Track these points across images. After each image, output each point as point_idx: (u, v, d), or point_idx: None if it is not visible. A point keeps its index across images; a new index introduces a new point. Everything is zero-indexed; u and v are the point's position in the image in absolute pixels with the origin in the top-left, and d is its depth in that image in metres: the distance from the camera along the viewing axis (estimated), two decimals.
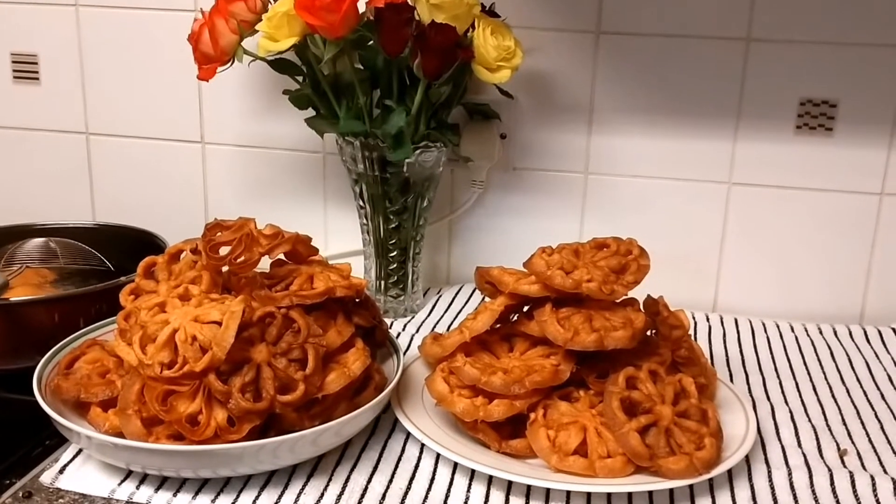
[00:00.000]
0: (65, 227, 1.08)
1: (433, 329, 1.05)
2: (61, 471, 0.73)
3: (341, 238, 1.20)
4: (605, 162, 1.11)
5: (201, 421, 0.70)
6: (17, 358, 0.89)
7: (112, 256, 1.07)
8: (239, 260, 0.77)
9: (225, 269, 0.80)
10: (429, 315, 1.09)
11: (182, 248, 0.82)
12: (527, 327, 0.80)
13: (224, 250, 0.78)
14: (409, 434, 0.80)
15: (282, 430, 0.72)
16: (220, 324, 0.70)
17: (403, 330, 1.04)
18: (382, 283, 1.08)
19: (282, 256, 0.81)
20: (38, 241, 1.04)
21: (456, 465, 0.75)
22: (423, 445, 0.78)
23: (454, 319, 1.08)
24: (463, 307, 1.11)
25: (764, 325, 1.08)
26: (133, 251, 1.05)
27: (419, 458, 0.77)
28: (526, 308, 0.82)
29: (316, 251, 0.81)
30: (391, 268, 1.07)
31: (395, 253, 1.06)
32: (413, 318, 1.08)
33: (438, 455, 0.76)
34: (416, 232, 1.06)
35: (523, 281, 0.79)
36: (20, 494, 0.70)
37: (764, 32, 1.03)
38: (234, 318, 0.70)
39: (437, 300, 1.13)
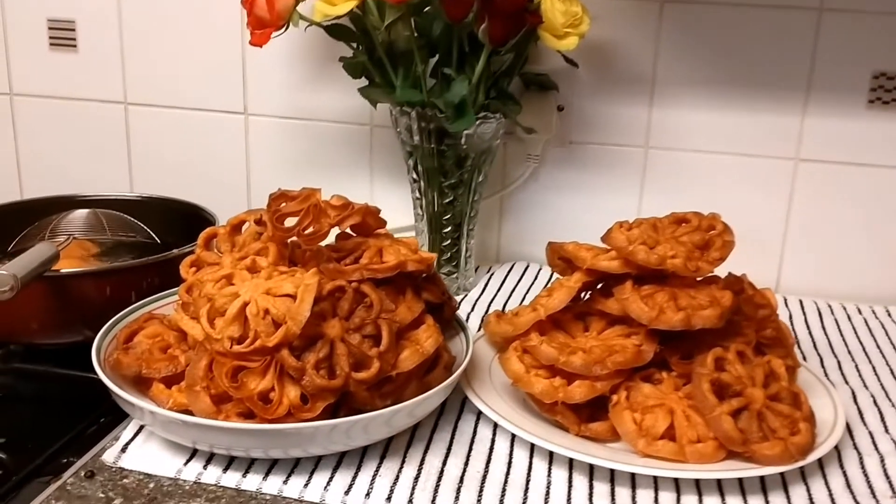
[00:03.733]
0: (108, 198, 1.05)
1: (488, 308, 1.01)
2: (123, 449, 0.70)
3: (387, 214, 1.16)
4: (666, 136, 1.07)
5: (273, 399, 0.66)
6: (66, 332, 0.86)
7: (157, 230, 1.03)
8: (307, 231, 0.73)
9: (292, 241, 0.76)
10: (482, 293, 1.05)
11: (244, 218, 0.78)
12: (604, 305, 0.76)
13: (290, 222, 0.75)
14: (479, 414, 0.76)
15: (352, 409, 0.69)
16: (293, 297, 0.67)
17: (458, 308, 1.00)
18: (436, 259, 1.04)
19: (348, 229, 0.77)
20: (84, 212, 1.00)
21: (533, 447, 0.72)
22: (495, 427, 0.75)
23: (508, 298, 1.04)
24: (515, 286, 1.08)
25: (830, 306, 1.04)
26: (179, 225, 1.02)
27: (493, 440, 0.74)
28: (600, 286, 0.79)
29: (384, 223, 0.78)
30: (444, 244, 1.04)
31: (448, 229, 1.03)
32: (466, 296, 1.05)
33: (514, 437, 0.73)
34: (470, 207, 1.03)
35: (602, 256, 0.76)
36: (82, 474, 0.67)
37: (837, 2, 0.99)
38: (310, 292, 0.66)
39: (489, 279, 1.09)
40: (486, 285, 1.07)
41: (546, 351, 0.73)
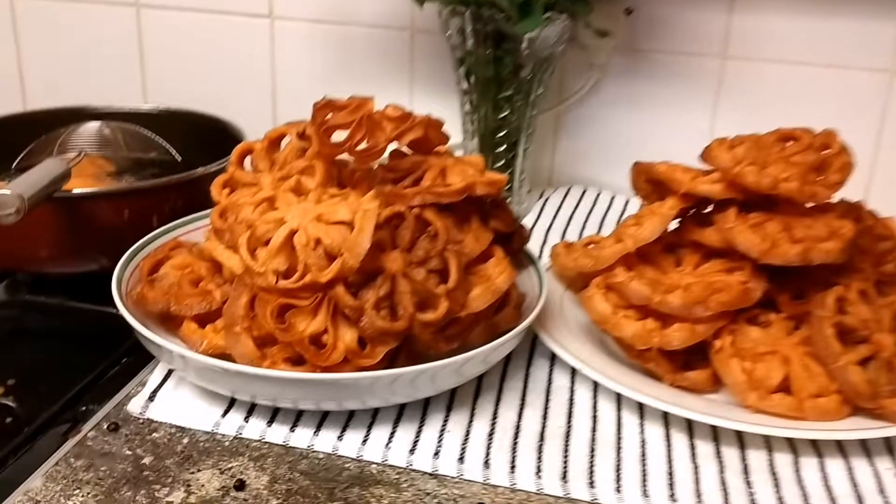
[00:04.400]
0: (121, 111, 0.93)
1: (545, 237, 0.91)
2: (151, 397, 0.61)
3: None
4: (747, 44, 0.95)
5: (327, 342, 0.57)
6: (79, 261, 0.76)
7: (176, 146, 0.92)
8: (360, 147, 0.62)
9: (340, 159, 0.66)
10: (536, 221, 0.95)
11: (285, 131, 0.67)
12: (701, 236, 0.66)
13: (338, 136, 0.64)
14: (553, 359, 0.67)
15: (412, 353, 0.60)
16: (349, 225, 0.57)
17: (529, 238, 0.90)
18: None
19: (405, 147, 0.67)
20: (95, 125, 0.89)
21: (620, 398, 0.63)
22: (573, 373, 0.65)
23: (566, 227, 0.94)
24: (573, 213, 0.97)
25: None
26: (200, 141, 0.91)
27: (572, 389, 0.64)
28: (692, 212, 0.69)
29: (446, 139, 0.67)
30: (497, 165, 0.93)
31: (502, 148, 0.92)
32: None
33: (596, 385, 0.64)
34: (527, 123, 0.91)
35: (702, 179, 0.65)
36: (105, 427, 0.58)
37: None
38: (370, 219, 0.56)
39: (544, 204, 0.99)
40: (540, 212, 0.97)
41: (637, 288, 0.63)
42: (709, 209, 0.68)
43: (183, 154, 0.92)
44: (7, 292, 0.78)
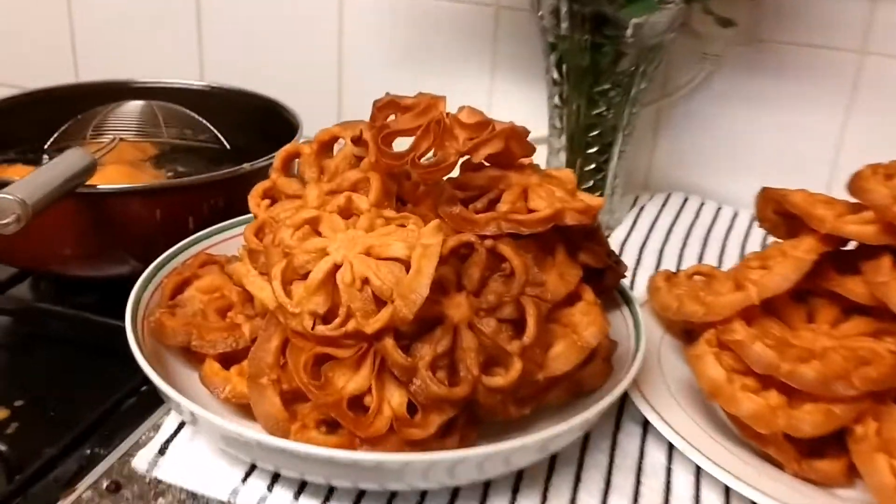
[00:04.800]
0: (169, 86, 0.84)
1: (639, 254, 0.78)
2: (162, 450, 0.51)
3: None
4: (891, 39, 0.80)
5: (370, 405, 0.46)
6: (106, 263, 0.67)
7: (226, 130, 0.82)
8: (426, 160, 0.51)
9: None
10: (629, 234, 0.82)
11: (338, 134, 0.56)
12: (843, 286, 0.53)
13: (402, 142, 0.53)
14: (646, 425, 0.55)
15: (473, 418, 0.48)
16: (404, 263, 0.46)
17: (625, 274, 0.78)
18: None
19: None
20: (136, 104, 0.80)
21: (729, 490, 0.51)
22: (670, 449, 0.53)
23: (664, 242, 0.81)
24: (672, 225, 0.84)
25: None
26: (253, 125, 0.82)
27: (669, 470, 0.52)
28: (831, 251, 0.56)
29: (532, 150, 0.55)
30: (587, 168, 0.80)
31: (594, 149, 0.79)
32: (609, 235, 0.82)
33: (700, 468, 0.52)
34: (626, 121, 0.79)
35: (850, 218, 0.52)
36: (104, 485, 0.49)
37: None
38: (430, 259, 0.45)
39: (638, 214, 0.86)
40: (634, 223, 0.84)
41: (760, 353, 0.50)
42: (850, 245, 0.55)
43: (232, 139, 0.82)
44: (28, 295, 0.70)
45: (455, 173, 0.54)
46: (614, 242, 0.80)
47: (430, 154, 0.51)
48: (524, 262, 0.49)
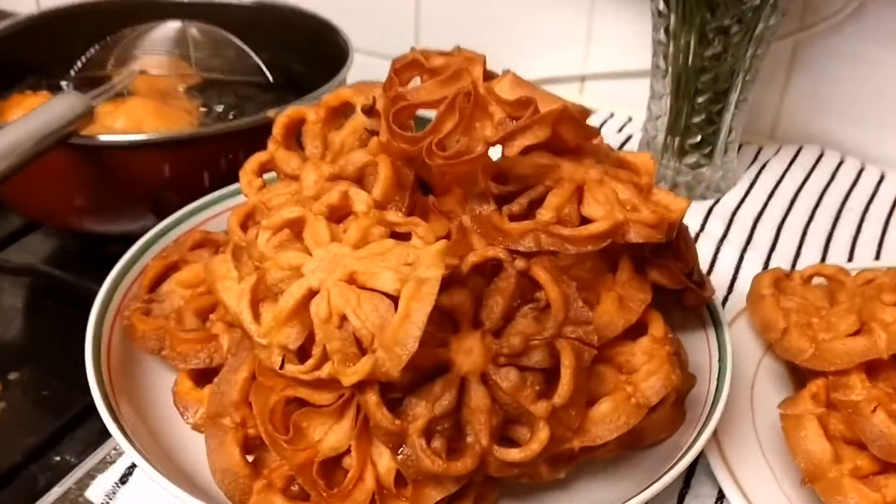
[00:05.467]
0: (208, 2, 0.73)
1: (752, 231, 0.64)
2: (124, 478, 0.43)
3: (608, 54, 0.79)
4: None
5: (348, 469, 0.36)
6: (112, 220, 0.59)
7: (273, 58, 0.72)
8: (448, 149, 0.39)
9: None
10: (743, 200, 0.68)
11: (348, 98, 0.44)
12: None
13: (414, 118, 0.41)
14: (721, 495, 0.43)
15: (489, 478, 0.38)
16: (394, 299, 0.35)
17: (702, 230, 0.64)
18: (675, 141, 0.67)
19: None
20: (171, 27, 0.70)
21: None
22: None
23: (786, 212, 0.66)
24: (800, 189, 0.69)
25: None
26: (302, 50, 0.70)
27: None
28: None
29: (594, 134, 0.41)
30: (696, 120, 0.66)
31: (706, 96, 0.65)
32: (718, 201, 0.68)
33: None
34: (748, 65, 0.63)
35: None
36: None
37: None
38: (423, 302, 0.33)
39: (759, 173, 0.71)
40: (751, 185, 0.69)
41: (883, 431, 0.37)
42: None
43: (279, 69, 0.71)
44: (29, 252, 0.63)
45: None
46: (723, 212, 0.66)
47: (455, 140, 0.39)
48: (564, 293, 0.37)
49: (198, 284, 0.46)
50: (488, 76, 0.41)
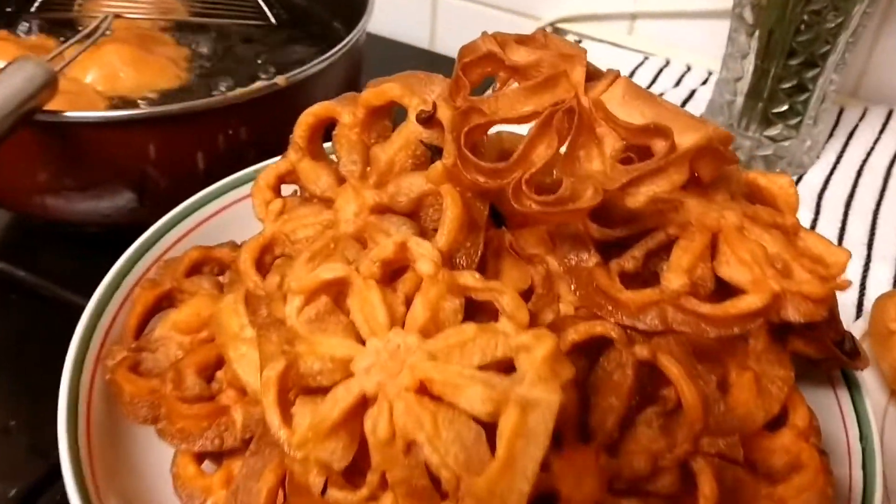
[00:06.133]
0: None
1: (843, 221, 0.55)
2: None
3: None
4: None
5: None
6: (87, 210, 0.48)
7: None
8: (548, 197, 0.28)
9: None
10: (830, 177, 0.58)
11: (396, 99, 0.33)
12: None
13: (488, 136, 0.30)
14: None
15: None
16: (486, 426, 0.25)
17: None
18: (757, 108, 0.57)
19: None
20: None
21: None
22: None
23: (881, 191, 0.57)
24: (894, 160, 0.59)
25: None
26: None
27: None
28: None
29: (733, 160, 0.31)
30: (785, 86, 0.55)
31: (799, 59, 0.54)
32: (801, 179, 0.58)
33: None
34: (855, 23, 0.52)
35: None
36: None
37: None
38: (535, 443, 0.24)
39: (846, 143, 0.61)
40: (838, 157, 0.59)
41: None
42: None
43: (282, 12, 0.59)
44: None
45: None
46: (808, 194, 0.56)
47: (560, 186, 0.29)
48: (703, 394, 0.28)
49: (199, 328, 0.35)
50: (590, 76, 0.31)
